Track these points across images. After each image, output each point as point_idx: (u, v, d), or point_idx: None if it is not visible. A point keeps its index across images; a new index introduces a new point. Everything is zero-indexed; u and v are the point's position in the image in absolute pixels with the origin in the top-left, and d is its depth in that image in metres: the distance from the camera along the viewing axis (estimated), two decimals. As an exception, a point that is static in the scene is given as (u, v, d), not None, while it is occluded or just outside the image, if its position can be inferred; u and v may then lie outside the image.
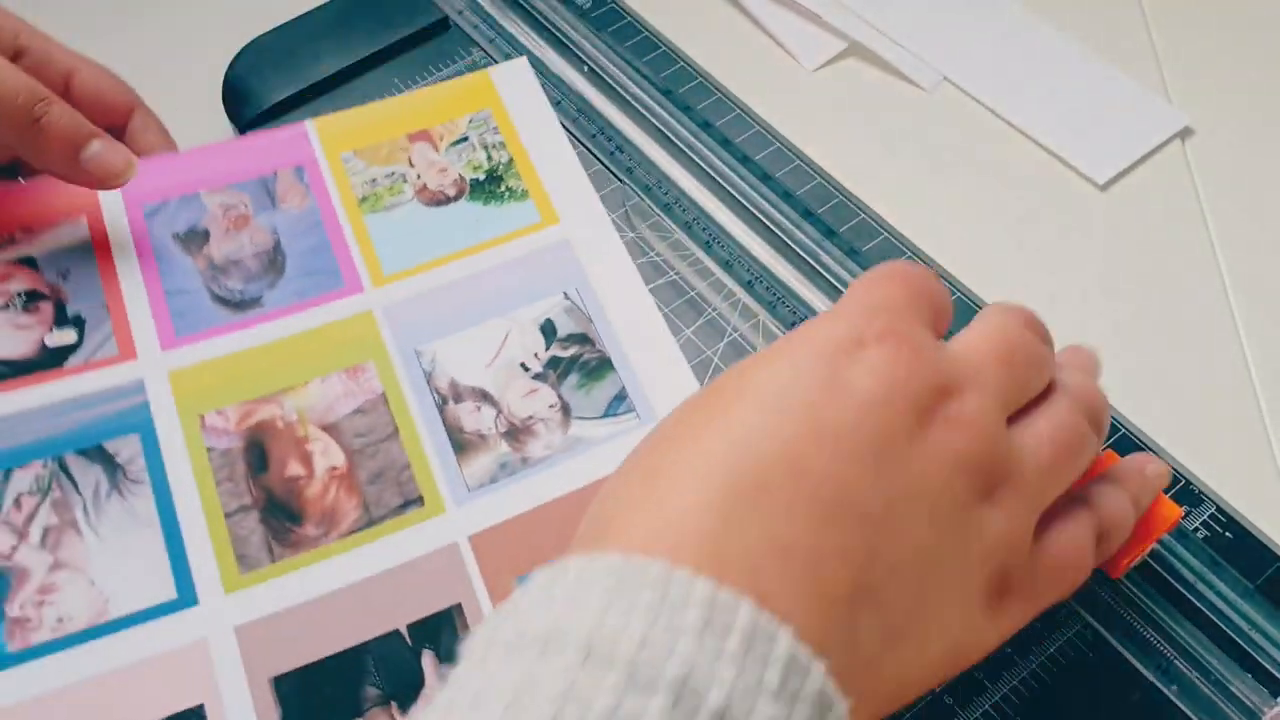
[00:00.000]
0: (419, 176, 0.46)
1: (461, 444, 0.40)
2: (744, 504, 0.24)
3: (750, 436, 0.25)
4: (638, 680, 0.20)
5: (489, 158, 0.47)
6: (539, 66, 0.50)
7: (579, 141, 0.48)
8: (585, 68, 0.50)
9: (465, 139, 0.47)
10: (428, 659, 0.36)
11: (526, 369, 0.41)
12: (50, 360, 0.40)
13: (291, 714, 0.34)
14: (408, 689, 0.35)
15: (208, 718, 0.34)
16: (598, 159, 0.47)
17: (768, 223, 0.45)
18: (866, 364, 0.26)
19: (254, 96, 0.49)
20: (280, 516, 0.38)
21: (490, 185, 0.46)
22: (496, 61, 0.50)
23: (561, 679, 0.20)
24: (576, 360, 0.42)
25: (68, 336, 0.40)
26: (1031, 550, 0.28)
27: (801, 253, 0.44)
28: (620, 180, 0.47)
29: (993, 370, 0.28)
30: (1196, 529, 0.36)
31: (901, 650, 0.25)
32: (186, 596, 0.36)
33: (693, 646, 0.21)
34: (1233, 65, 0.52)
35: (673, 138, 0.47)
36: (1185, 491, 0.37)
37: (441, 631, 0.36)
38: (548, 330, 0.42)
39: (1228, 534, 0.36)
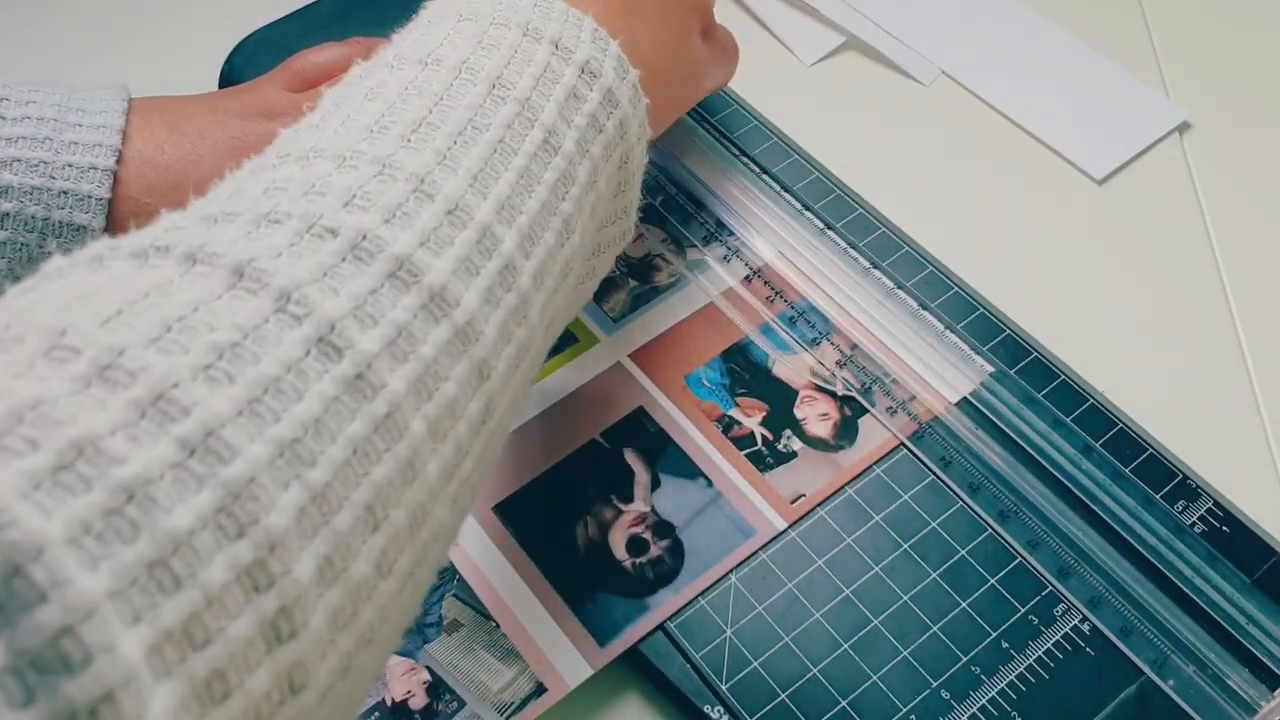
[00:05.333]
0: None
1: (593, 288, 0.42)
2: None
3: None
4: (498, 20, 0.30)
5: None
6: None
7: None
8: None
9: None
10: (628, 453, 0.37)
11: (627, 219, 0.44)
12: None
13: (521, 529, 0.36)
14: (620, 481, 0.37)
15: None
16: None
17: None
18: None
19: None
20: (452, 381, 0.39)
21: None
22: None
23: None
24: (670, 200, 0.44)
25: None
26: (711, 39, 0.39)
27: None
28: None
29: None
30: (1194, 524, 0.36)
31: (663, 54, 0.34)
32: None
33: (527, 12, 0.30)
34: (1231, 60, 0.50)
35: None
36: (1182, 486, 0.36)
37: (633, 431, 0.38)
38: (635, 187, 0.44)
39: (1225, 528, 0.35)
